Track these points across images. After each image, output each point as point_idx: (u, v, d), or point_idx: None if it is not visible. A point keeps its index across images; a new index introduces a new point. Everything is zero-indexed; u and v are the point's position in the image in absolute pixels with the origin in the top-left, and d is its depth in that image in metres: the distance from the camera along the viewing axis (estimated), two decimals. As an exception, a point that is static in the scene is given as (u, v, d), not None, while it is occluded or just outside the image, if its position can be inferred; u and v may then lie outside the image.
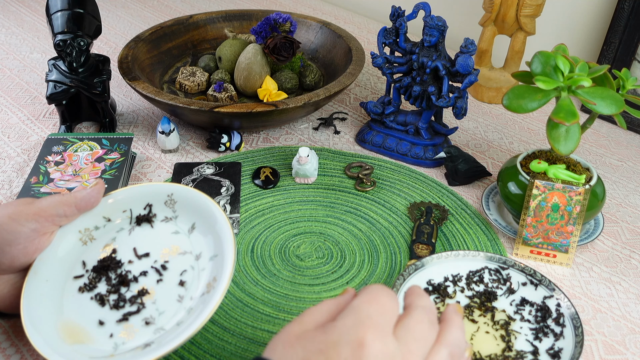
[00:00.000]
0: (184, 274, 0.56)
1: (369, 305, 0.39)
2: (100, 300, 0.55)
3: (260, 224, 0.74)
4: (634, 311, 0.65)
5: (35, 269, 0.55)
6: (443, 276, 0.64)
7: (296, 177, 0.81)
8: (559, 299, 0.61)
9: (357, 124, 0.96)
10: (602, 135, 0.97)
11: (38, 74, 1.09)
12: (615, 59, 0.97)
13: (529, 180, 0.67)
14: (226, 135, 0.85)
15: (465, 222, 0.75)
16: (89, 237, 0.59)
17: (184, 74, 0.97)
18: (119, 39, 1.25)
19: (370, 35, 1.29)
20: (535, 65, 0.65)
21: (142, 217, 0.60)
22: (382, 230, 0.74)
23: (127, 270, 0.57)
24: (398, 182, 0.82)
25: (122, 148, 0.81)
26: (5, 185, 0.79)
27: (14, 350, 0.58)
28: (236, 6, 1.44)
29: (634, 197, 0.82)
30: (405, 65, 0.84)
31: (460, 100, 0.80)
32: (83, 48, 0.83)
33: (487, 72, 1.06)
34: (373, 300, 0.39)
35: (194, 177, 0.80)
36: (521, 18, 0.98)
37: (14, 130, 0.92)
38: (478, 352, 0.56)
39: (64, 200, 0.56)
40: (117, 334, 0.52)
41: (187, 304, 0.54)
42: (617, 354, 0.60)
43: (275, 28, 0.94)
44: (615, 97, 0.62)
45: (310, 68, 0.98)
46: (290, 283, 0.66)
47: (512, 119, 1.00)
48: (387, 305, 0.39)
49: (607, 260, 0.71)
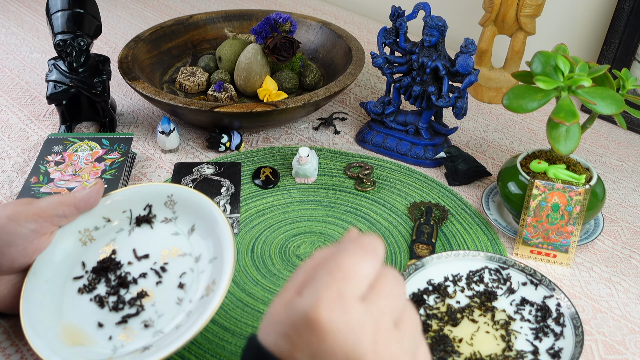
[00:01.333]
0: (183, 276, 0.56)
1: (329, 275, 0.34)
2: (100, 302, 0.55)
3: (260, 224, 0.74)
4: (634, 311, 0.65)
5: (34, 269, 0.55)
6: (443, 276, 0.64)
7: (296, 177, 0.81)
8: (559, 299, 0.61)
9: (357, 124, 0.96)
10: (602, 135, 0.97)
11: (38, 74, 1.09)
12: (615, 59, 0.97)
13: (529, 180, 0.67)
14: (226, 135, 0.85)
15: (465, 222, 0.75)
16: (89, 238, 0.59)
17: (184, 74, 0.97)
18: (119, 39, 1.25)
19: (370, 35, 1.29)
20: (535, 65, 0.65)
21: (142, 218, 0.60)
22: (382, 230, 0.74)
23: (126, 271, 0.57)
24: (398, 182, 0.82)
25: (122, 148, 0.81)
26: (5, 185, 0.79)
27: (13, 350, 0.58)
28: (236, 6, 1.44)
29: (634, 197, 0.82)
30: (405, 65, 0.84)
31: (460, 100, 0.80)
32: (83, 48, 0.83)
33: (487, 72, 1.06)
34: (335, 266, 0.34)
35: (194, 177, 0.80)
36: (521, 18, 0.98)
37: (14, 130, 0.92)
38: (478, 352, 0.56)
39: (63, 201, 0.56)
40: (116, 336, 0.52)
41: (186, 307, 0.53)
42: (617, 354, 0.60)
43: (275, 28, 0.94)
44: (615, 97, 0.62)
45: (310, 68, 0.98)
46: (290, 283, 0.66)
47: (512, 119, 1.00)
48: (353, 268, 0.34)
49: (607, 260, 0.71)
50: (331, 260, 0.35)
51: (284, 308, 0.34)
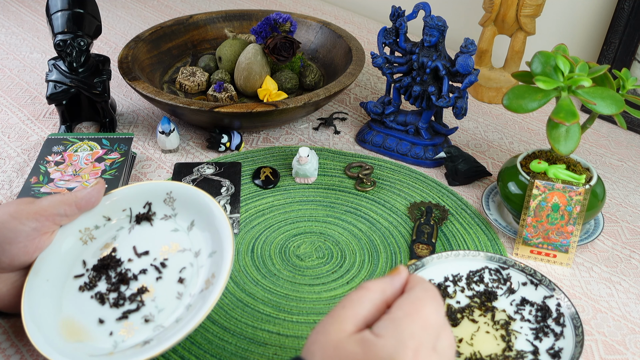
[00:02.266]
0: (183, 271, 0.56)
1: (411, 321, 0.36)
2: (100, 299, 0.55)
3: (260, 224, 0.74)
4: (634, 311, 0.65)
5: (36, 268, 0.55)
6: (443, 276, 0.64)
7: (296, 177, 0.81)
8: (559, 299, 0.61)
9: (357, 124, 0.96)
10: (602, 135, 0.97)
11: (38, 74, 1.09)
12: (615, 59, 0.97)
13: (529, 180, 0.67)
14: (226, 135, 0.85)
15: (465, 222, 0.75)
16: (89, 237, 0.59)
17: (184, 74, 0.97)
18: (119, 39, 1.25)
19: (370, 35, 1.29)
20: (535, 65, 0.65)
21: (142, 216, 0.61)
22: (382, 230, 0.74)
23: (126, 268, 0.57)
24: (398, 182, 0.82)
25: (122, 148, 0.81)
26: (5, 185, 0.79)
27: (13, 350, 0.58)
28: (236, 6, 1.44)
29: (634, 197, 0.82)
30: (405, 65, 0.84)
31: (460, 100, 0.80)
32: (83, 48, 0.83)
33: (487, 72, 1.06)
34: (416, 313, 0.37)
35: (194, 177, 0.80)
36: (521, 18, 0.98)
37: (14, 130, 0.92)
38: (478, 352, 0.56)
39: (65, 200, 0.56)
40: (117, 331, 0.52)
41: (186, 300, 0.54)
42: (617, 354, 0.60)
43: (275, 28, 0.94)
44: (615, 97, 0.62)
45: (310, 68, 0.98)
46: (291, 283, 0.66)
47: (512, 119, 1.00)
48: (431, 318, 0.37)
49: (607, 260, 0.71)
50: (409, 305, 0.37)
51: (358, 344, 0.36)
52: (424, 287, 0.39)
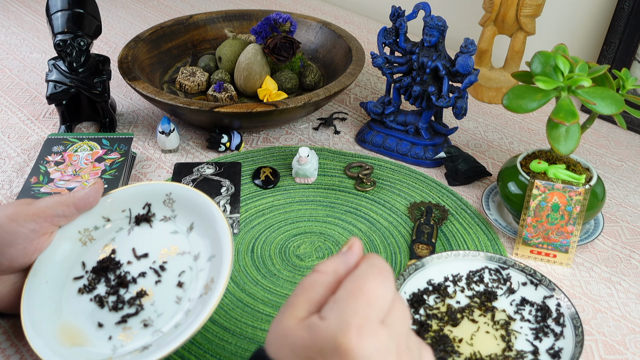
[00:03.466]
0: (182, 274, 0.56)
1: (354, 299, 0.35)
2: (100, 302, 0.55)
3: (260, 224, 0.74)
4: (634, 311, 0.65)
5: (35, 270, 0.55)
6: (443, 276, 0.64)
7: (296, 177, 0.81)
8: (559, 299, 0.61)
9: (357, 124, 0.96)
10: (602, 135, 0.97)
11: (38, 74, 1.09)
12: (615, 59, 0.97)
13: (529, 180, 0.67)
14: (226, 135, 0.85)
15: (465, 222, 0.75)
16: (89, 238, 0.59)
17: (184, 74, 0.97)
18: (119, 39, 1.25)
19: (370, 35, 1.29)
20: (535, 65, 0.65)
21: (141, 217, 0.60)
22: (382, 230, 0.74)
23: (126, 271, 0.57)
24: (398, 182, 0.82)
25: (122, 148, 0.81)
26: (5, 185, 0.79)
27: (13, 350, 0.58)
28: (236, 6, 1.44)
29: (634, 197, 0.82)
30: (405, 65, 0.84)
31: (460, 100, 0.80)
32: (83, 48, 0.83)
33: (487, 72, 1.06)
34: (359, 290, 0.35)
35: (194, 177, 0.80)
36: (521, 18, 0.98)
37: (14, 130, 0.92)
38: (478, 352, 0.56)
39: (63, 200, 0.56)
40: (116, 336, 0.52)
41: (185, 305, 0.53)
42: (617, 354, 0.60)
43: (275, 28, 0.94)
44: (615, 97, 0.62)
45: (310, 68, 0.98)
46: (290, 283, 0.66)
47: (512, 119, 1.00)
48: (376, 292, 0.35)
49: (607, 260, 0.71)
50: (352, 283, 0.36)
51: (304, 329, 0.35)
52: (370, 262, 0.38)
